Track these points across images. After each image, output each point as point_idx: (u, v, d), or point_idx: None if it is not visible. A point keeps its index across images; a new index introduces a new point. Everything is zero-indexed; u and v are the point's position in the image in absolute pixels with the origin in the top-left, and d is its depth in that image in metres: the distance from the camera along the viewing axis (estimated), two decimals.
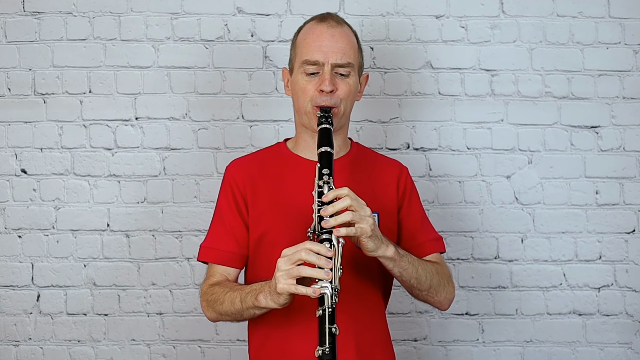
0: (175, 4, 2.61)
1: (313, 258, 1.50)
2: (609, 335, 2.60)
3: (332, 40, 1.75)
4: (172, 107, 2.61)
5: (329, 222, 1.54)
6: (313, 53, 1.75)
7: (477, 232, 2.61)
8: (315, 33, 1.78)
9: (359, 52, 1.84)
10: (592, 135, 2.62)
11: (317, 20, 1.81)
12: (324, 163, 1.63)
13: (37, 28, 2.60)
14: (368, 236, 1.57)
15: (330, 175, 1.61)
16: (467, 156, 2.62)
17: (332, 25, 1.78)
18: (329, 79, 1.74)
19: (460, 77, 2.62)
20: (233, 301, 1.70)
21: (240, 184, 1.84)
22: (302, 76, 1.78)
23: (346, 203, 1.55)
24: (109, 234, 2.59)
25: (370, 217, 1.57)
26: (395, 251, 1.64)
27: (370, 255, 1.62)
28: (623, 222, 2.61)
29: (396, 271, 1.69)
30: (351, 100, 1.81)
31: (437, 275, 1.78)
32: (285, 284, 1.52)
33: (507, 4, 2.62)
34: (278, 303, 1.57)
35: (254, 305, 1.63)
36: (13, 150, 2.60)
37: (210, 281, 1.81)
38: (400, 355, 2.05)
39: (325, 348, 1.46)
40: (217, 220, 1.87)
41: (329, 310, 1.48)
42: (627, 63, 2.62)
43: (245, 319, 1.76)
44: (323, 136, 1.68)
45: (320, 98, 1.76)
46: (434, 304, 1.83)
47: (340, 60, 1.75)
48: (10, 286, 2.59)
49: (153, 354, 2.59)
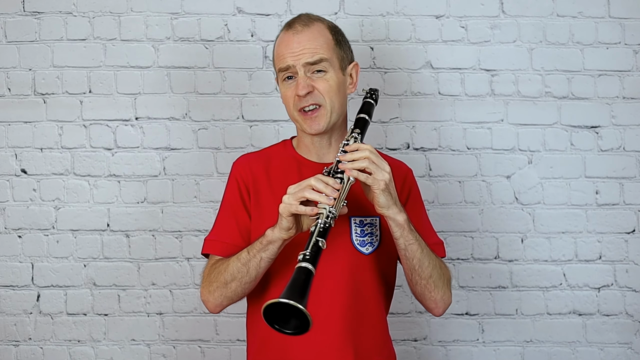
0: (175, 4, 2.61)
1: (315, 195, 1.55)
2: (609, 335, 2.60)
3: (299, 45, 1.77)
4: (172, 107, 2.61)
5: (346, 164, 1.61)
6: (284, 59, 1.78)
7: (477, 232, 2.61)
8: (284, 41, 1.80)
9: (337, 45, 1.83)
10: (592, 135, 2.62)
11: (285, 28, 1.84)
12: (358, 125, 1.75)
13: (37, 28, 2.60)
14: (381, 189, 1.60)
15: (361, 134, 1.73)
16: (467, 156, 2.62)
17: (298, 30, 1.79)
18: (302, 83, 1.76)
19: (460, 77, 2.62)
20: (238, 256, 1.69)
21: (246, 179, 1.84)
22: (283, 84, 1.81)
23: (366, 153, 1.60)
24: (109, 234, 2.59)
25: (387, 173, 1.61)
26: (406, 219, 1.65)
27: (381, 212, 1.63)
28: (623, 222, 2.61)
29: (401, 242, 1.67)
30: (337, 94, 1.80)
31: (439, 269, 1.76)
32: (287, 202, 1.57)
33: (507, 4, 2.62)
34: (282, 228, 1.60)
35: (261, 243, 1.64)
36: (13, 150, 2.60)
37: (210, 263, 1.80)
38: (400, 355, 2.04)
39: (307, 252, 1.48)
40: (222, 214, 1.86)
41: (321, 226, 1.52)
42: (627, 63, 2.62)
43: (252, 278, 1.70)
44: (363, 107, 1.82)
45: (299, 102, 1.78)
46: (430, 302, 1.79)
47: (310, 59, 1.76)
48: (10, 286, 2.59)
49: (153, 354, 2.59)
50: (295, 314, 1.41)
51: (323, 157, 1.85)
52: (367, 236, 1.78)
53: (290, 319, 1.44)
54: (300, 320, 1.42)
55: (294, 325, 1.44)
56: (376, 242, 1.79)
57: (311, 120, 1.79)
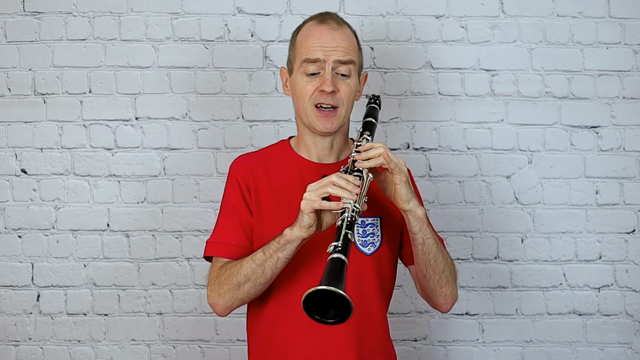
0: (175, 4, 2.61)
1: (338, 190, 1.56)
2: (609, 335, 2.60)
3: (334, 41, 1.75)
4: (172, 107, 2.61)
5: (362, 163, 1.62)
6: (314, 51, 1.75)
7: (477, 232, 2.61)
8: (317, 34, 1.77)
9: (359, 52, 1.84)
10: (592, 135, 2.62)
11: (317, 20, 1.80)
12: (366, 128, 1.78)
13: (37, 28, 2.60)
14: (403, 181, 1.62)
15: (371, 136, 1.75)
16: (467, 156, 2.62)
17: (333, 27, 1.78)
18: (330, 79, 1.73)
19: (460, 77, 2.62)
20: (253, 257, 1.67)
21: (246, 179, 1.82)
22: (302, 77, 1.77)
23: (381, 150, 1.62)
24: (109, 234, 2.59)
25: (404, 166, 1.64)
26: (425, 213, 1.67)
27: (402, 206, 1.64)
28: (623, 222, 2.61)
29: (420, 237, 1.67)
30: (352, 101, 1.81)
31: (450, 265, 1.77)
32: (309, 199, 1.57)
33: (507, 4, 2.62)
34: (303, 225, 1.59)
35: (279, 243, 1.63)
36: (13, 150, 2.60)
37: (218, 266, 1.77)
38: (400, 355, 2.04)
39: (338, 243, 1.48)
40: (224, 215, 1.83)
41: (348, 220, 1.52)
42: (627, 63, 2.62)
43: (267, 279, 1.68)
44: (369, 112, 1.84)
45: (320, 97, 1.76)
46: (440, 297, 1.78)
47: (342, 57, 1.75)
48: (10, 286, 2.59)
49: (153, 354, 2.59)
50: (334, 303, 1.41)
51: (323, 158, 1.85)
52: (368, 236, 1.79)
53: (329, 309, 1.44)
54: (339, 309, 1.42)
55: (333, 314, 1.45)
56: (378, 242, 1.79)
57: (325, 119, 1.77)
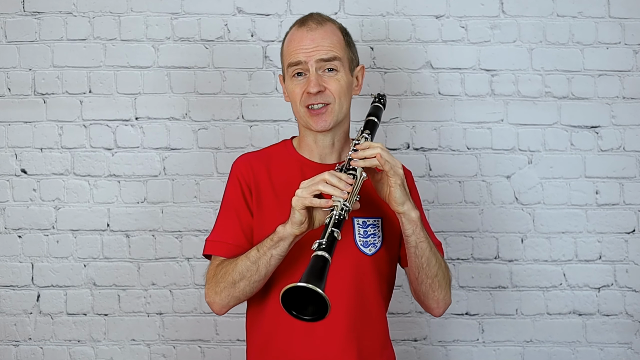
0: (175, 4, 2.61)
1: (329, 188, 1.57)
2: (609, 335, 2.60)
3: (313, 42, 1.77)
4: (172, 107, 2.61)
5: (358, 162, 1.63)
6: (296, 54, 1.78)
7: (477, 232, 2.61)
8: (297, 38, 1.80)
9: (348, 47, 1.84)
10: (592, 135, 2.62)
11: (298, 24, 1.83)
12: (367, 127, 1.78)
13: (37, 28, 2.60)
14: (398, 183, 1.62)
15: (370, 135, 1.75)
16: (467, 156, 2.62)
17: (312, 28, 1.79)
18: (315, 80, 1.76)
19: (460, 77, 2.62)
20: (247, 255, 1.68)
21: (248, 179, 1.83)
22: (292, 81, 1.81)
23: (378, 150, 1.62)
24: (109, 234, 2.59)
25: (400, 169, 1.64)
26: (419, 217, 1.67)
27: (396, 208, 1.64)
28: (623, 222, 2.61)
29: (412, 239, 1.68)
30: (346, 95, 1.81)
31: (444, 269, 1.77)
32: (300, 196, 1.58)
33: (507, 4, 2.62)
34: (295, 222, 1.60)
35: (272, 240, 1.64)
36: (13, 150, 2.60)
37: (215, 264, 1.79)
38: (400, 355, 2.05)
39: (322, 240, 1.49)
40: (224, 214, 1.84)
41: (336, 218, 1.53)
42: (627, 63, 2.62)
43: (262, 277, 1.69)
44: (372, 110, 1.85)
45: (309, 98, 1.78)
46: (432, 301, 1.79)
47: (325, 55, 1.77)
48: (10, 286, 2.59)
49: (153, 354, 2.59)
50: (312, 300, 1.42)
51: (325, 158, 1.85)
52: (370, 237, 1.79)
53: (308, 306, 1.45)
54: (317, 307, 1.43)
55: (311, 312, 1.45)
56: (378, 243, 1.79)
57: (318, 118, 1.79)
